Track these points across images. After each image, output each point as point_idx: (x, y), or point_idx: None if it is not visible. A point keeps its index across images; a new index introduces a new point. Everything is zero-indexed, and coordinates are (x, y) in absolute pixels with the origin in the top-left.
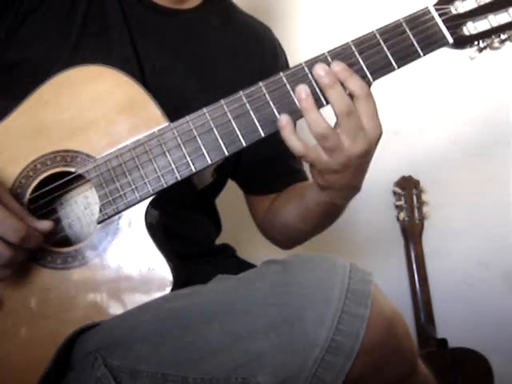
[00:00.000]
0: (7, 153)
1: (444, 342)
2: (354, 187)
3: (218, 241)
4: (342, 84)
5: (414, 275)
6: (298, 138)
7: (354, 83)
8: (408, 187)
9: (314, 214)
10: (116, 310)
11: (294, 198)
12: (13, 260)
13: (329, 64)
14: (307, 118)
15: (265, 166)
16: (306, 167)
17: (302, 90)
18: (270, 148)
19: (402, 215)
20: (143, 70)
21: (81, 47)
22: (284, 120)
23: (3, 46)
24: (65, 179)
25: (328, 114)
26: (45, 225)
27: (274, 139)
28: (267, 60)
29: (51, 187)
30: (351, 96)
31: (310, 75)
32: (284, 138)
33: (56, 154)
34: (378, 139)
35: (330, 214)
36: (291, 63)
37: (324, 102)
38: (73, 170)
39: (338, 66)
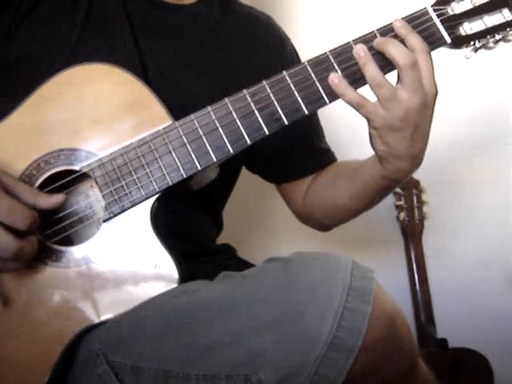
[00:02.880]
0: (10, 151)
1: (444, 341)
2: (415, 157)
3: (219, 241)
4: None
5: (414, 275)
6: (354, 90)
7: (415, 39)
8: (408, 187)
9: (370, 190)
10: (123, 307)
11: (345, 177)
12: (21, 252)
13: (332, 63)
14: (366, 71)
15: (288, 153)
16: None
17: (360, 49)
18: (288, 135)
19: (402, 215)
20: (146, 67)
21: (83, 44)
22: (336, 77)
23: (5, 43)
24: (69, 178)
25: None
26: (57, 198)
27: (296, 124)
28: (272, 47)
29: (55, 186)
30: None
31: (312, 74)
32: (340, 93)
33: (60, 153)
34: (435, 99)
35: (387, 189)
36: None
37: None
38: (77, 168)
39: (400, 23)
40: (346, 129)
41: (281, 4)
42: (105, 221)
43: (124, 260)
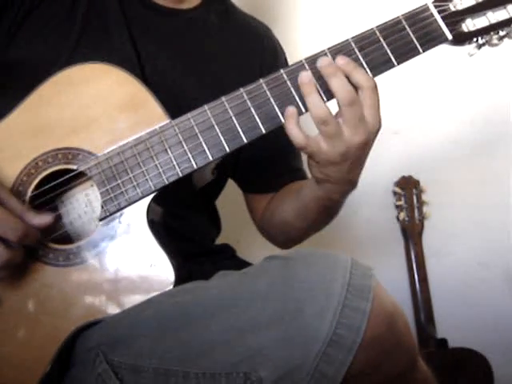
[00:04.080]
0: (9, 150)
1: (444, 341)
2: (350, 182)
3: (218, 241)
4: (347, 77)
5: (414, 275)
6: (301, 130)
7: (361, 75)
8: (408, 187)
9: (310, 210)
10: (118, 307)
11: (291, 196)
12: (11, 261)
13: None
14: (309, 102)
15: (264, 165)
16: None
17: (304, 76)
18: (269, 148)
19: (402, 215)
20: (143, 69)
21: (81, 46)
22: (291, 110)
23: (4, 44)
24: (66, 176)
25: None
26: (45, 219)
27: (274, 139)
28: (267, 59)
29: (53, 185)
30: (355, 88)
31: (309, 72)
32: (287, 127)
33: (57, 152)
34: (377, 133)
35: (326, 210)
36: (291, 62)
37: (324, 98)
38: (74, 167)
39: (343, 60)
40: None
41: (280, 4)
42: (101, 219)
43: (120, 259)
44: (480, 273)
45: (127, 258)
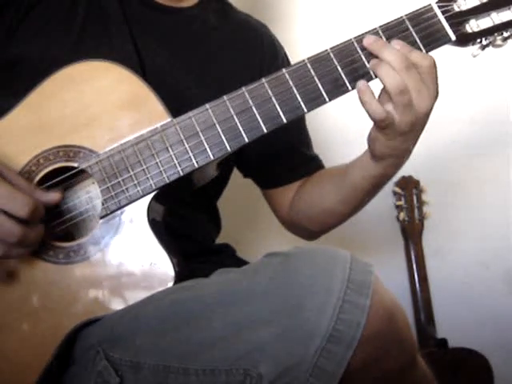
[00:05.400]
0: (10, 147)
1: (444, 341)
2: (407, 152)
3: (218, 240)
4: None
5: (414, 275)
6: (379, 104)
7: (417, 54)
8: (408, 187)
9: (359, 192)
10: (118, 304)
11: (332, 181)
12: (26, 237)
13: (331, 59)
14: (382, 72)
15: (278, 158)
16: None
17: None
18: (281, 140)
19: (402, 215)
20: (143, 67)
21: (81, 44)
22: (363, 85)
23: (4, 43)
24: (68, 174)
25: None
26: (53, 196)
27: (285, 131)
28: (266, 56)
29: (54, 182)
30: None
31: (312, 71)
32: (364, 102)
33: (59, 149)
34: (436, 99)
35: (376, 188)
36: (290, 61)
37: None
38: (75, 164)
39: (399, 44)
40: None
41: (280, 4)
42: (102, 217)
43: (121, 257)
44: (480, 273)
45: (127, 255)
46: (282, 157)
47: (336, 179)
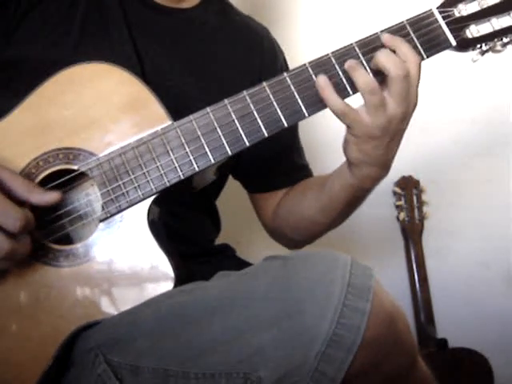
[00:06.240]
0: (9, 150)
1: (444, 341)
2: (385, 165)
3: (218, 241)
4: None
5: (414, 275)
6: (339, 97)
7: (408, 47)
8: (408, 187)
9: (338, 201)
10: (118, 307)
11: (313, 189)
12: (13, 252)
13: (334, 64)
14: (355, 73)
15: (268, 164)
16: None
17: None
18: (272, 145)
19: (402, 215)
20: (143, 68)
21: (81, 46)
22: (322, 80)
23: (4, 44)
24: (67, 177)
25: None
26: (52, 196)
27: (277, 137)
28: (266, 59)
29: (54, 185)
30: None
31: (313, 76)
32: (324, 96)
33: (58, 152)
34: (415, 107)
35: (354, 200)
36: (291, 64)
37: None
38: (75, 167)
39: (388, 36)
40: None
41: (280, 4)
42: (102, 220)
43: (120, 260)
44: (480, 273)
45: (127, 259)
46: (270, 162)
47: (317, 187)
